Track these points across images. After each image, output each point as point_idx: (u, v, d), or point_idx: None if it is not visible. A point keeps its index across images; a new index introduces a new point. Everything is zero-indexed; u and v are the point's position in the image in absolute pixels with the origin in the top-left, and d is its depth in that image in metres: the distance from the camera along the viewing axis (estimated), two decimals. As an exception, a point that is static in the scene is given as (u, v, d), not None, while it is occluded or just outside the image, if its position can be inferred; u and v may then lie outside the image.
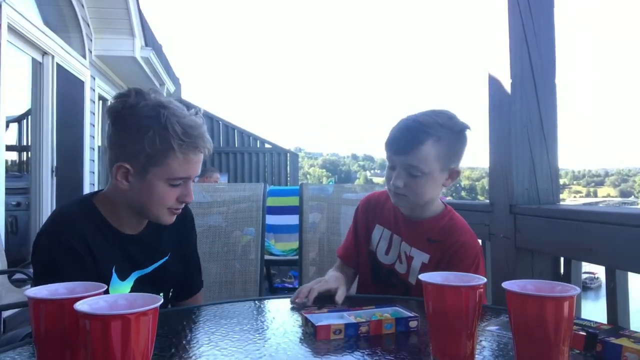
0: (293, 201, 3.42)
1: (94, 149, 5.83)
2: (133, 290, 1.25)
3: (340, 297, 1.28)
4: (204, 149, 1.20)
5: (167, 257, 1.34)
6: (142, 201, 1.21)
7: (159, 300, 0.69)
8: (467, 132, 1.40)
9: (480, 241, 2.08)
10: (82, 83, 5.38)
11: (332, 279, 1.37)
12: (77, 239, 1.16)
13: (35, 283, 1.18)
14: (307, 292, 1.26)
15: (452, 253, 1.40)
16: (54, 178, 4.55)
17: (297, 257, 2.36)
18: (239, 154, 8.87)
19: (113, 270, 1.22)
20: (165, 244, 1.35)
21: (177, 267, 1.37)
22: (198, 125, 1.19)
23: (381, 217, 1.54)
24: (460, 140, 1.40)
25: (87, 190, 5.49)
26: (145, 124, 1.15)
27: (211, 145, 1.23)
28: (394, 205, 1.49)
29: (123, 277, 1.25)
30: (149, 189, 1.18)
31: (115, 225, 1.24)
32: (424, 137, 1.34)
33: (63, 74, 4.77)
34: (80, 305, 0.67)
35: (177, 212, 1.26)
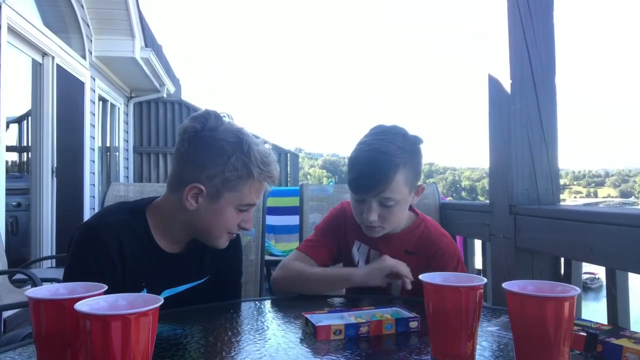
0: (293, 202, 3.42)
1: (94, 150, 5.83)
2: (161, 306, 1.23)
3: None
4: (276, 178, 1.24)
5: (202, 280, 1.31)
6: (205, 223, 1.21)
7: (159, 300, 0.69)
8: (421, 146, 1.40)
9: (481, 241, 2.08)
10: (82, 84, 5.38)
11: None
12: (114, 245, 1.15)
13: (65, 273, 1.18)
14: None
15: (435, 263, 1.39)
16: (54, 179, 4.55)
17: (297, 257, 2.35)
18: (239, 155, 8.86)
19: (143, 286, 1.20)
20: (206, 267, 1.32)
21: (212, 292, 1.32)
22: (271, 155, 1.23)
23: (357, 231, 1.48)
24: (420, 158, 1.39)
25: (87, 191, 5.49)
26: (228, 148, 1.16)
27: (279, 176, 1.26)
28: None
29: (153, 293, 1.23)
30: (218, 212, 1.19)
31: (158, 242, 1.23)
32: (393, 170, 1.31)
33: (63, 74, 4.77)
34: (80, 306, 0.67)
35: (233, 237, 1.27)
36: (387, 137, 1.35)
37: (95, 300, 0.71)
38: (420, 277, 0.86)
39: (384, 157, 1.31)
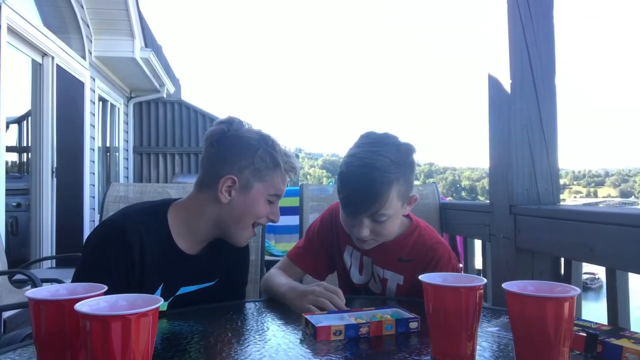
0: (293, 202, 3.42)
1: (94, 150, 5.83)
2: (172, 304, 1.27)
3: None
4: (297, 170, 1.34)
5: (213, 283, 1.34)
6: (238, 214, 1.27)
7: (159, 301, 0.69)
8: (414, 155, 1.33)
9: (481, 241, 2.08)
10: (82, 84, 5.38)
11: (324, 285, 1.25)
12: (137, 246, 1.18)
13: (78, 270, 1.19)
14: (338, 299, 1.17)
15: (430, 271, 1.34)
16: (54, 179, 4.55)
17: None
18: (239, 155, 8.85)
19: (160, 288, 1.23)
20: (217, 269, 1.36)
21: (221, 294, 1.35)
22: (289, 150, 1.35)
23: (349, 237, 1.43)
24: (413, 168, 1.33)
25: (87, 191, 5.49)
26: (254, 142, 1.27)
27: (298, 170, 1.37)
28: None
29: (167, 294, 1.25)
30: (250, 202, 1.27)
31: (177, 242, 1.27)
32: (387, 187, 1.25)
33: (63, 75, 4.77)
34: (80, 306, 0.67)
35: (254, 234, 1.34)
36: (380, 149, 1.28)
37: (95, 301, 0.71)
38: (420, 277, 0.86)
39: (376, 174, 1.24)
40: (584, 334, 0.89)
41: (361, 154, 1.30)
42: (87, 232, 5.23)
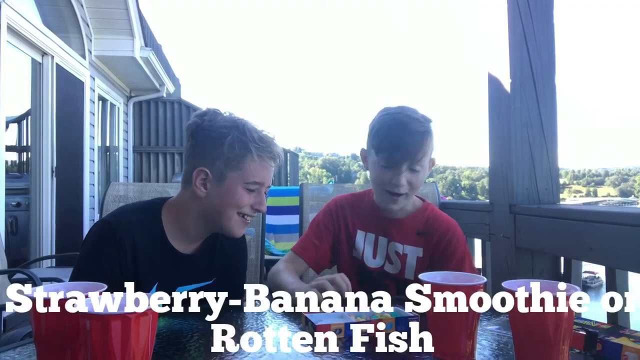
0: (293, 201, 3.42)
1: (93, 149, 5.83)
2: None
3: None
4: (277, 157, 1.28)
5: (210, 282, 1.34)
6: (217, 206, 1.24)
7: (159, 300, 0.69)
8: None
9: (481, 240, 2.08)
10: (81, 83, 5.38)
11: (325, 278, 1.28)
12: (129, 245, 1.19)
13: (74, 270, 1.21)
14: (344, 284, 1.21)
15: (443, 247, 1.45)
16: (54, 178, 4.55)
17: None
18: (239, 154, 8.84)
19: (154, 286, 1.23)
20: (214, 269, 1.35)
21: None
22: (271, 136, 1.28)
23: (360, 221, 1.54)
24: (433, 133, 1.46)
25: (87, 191, 5.49)
26: (224, 131, 1.23)
27: (282, 156, 1.30)
28: (372, 206, 1.50)
29: (164, 290, 1.24)
30: (226, 193, 1.23)
31: (172, 242, 1.27)
32: (426, 136, 1.39)
33: (63, 74, 4.77)
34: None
35: (248, 222, 1.30)
36: (409, 109, 1.42)
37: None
38: (420, 276, 0.86)
39: (416, 123, 1.38)
40: (584, 333, 0.89)
41: (394, 112, 1.42)
42: (86, 232, 5.23)
